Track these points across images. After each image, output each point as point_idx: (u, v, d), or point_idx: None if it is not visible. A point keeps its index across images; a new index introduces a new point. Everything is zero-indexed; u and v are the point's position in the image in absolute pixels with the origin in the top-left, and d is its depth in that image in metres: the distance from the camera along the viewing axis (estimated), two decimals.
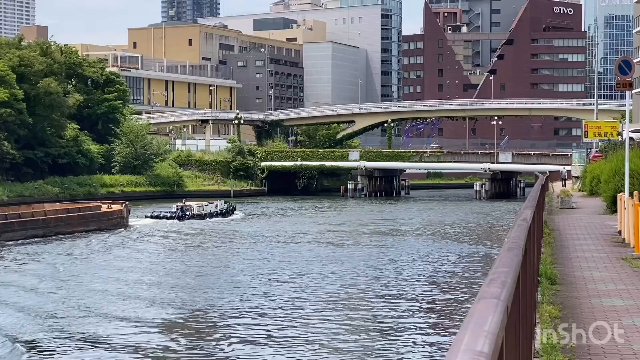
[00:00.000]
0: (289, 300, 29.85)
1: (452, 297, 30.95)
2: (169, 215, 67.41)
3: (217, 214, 71.42)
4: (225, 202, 76.44)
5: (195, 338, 24.39)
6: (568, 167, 75.28)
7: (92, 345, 23.97)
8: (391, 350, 22.06)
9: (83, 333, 25.43)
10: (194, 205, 70.65)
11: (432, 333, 24.39)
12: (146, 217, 67.42)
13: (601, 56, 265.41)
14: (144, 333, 24.98)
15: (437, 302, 30.01)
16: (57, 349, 23.74)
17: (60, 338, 24.89)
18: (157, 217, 67.29)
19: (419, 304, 29.50)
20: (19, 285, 34.60)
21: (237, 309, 28.59)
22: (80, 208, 62.05)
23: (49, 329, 26.17)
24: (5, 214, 54.74)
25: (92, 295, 31.97)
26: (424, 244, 50.64)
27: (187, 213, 68.46)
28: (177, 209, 68.54)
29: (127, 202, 66.57)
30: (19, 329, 26.14)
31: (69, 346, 24.01)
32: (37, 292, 33.02)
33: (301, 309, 28.10)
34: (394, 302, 29.48)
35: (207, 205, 71.99)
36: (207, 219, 68.99)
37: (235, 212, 75.38)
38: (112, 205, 64.29)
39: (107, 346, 23.81)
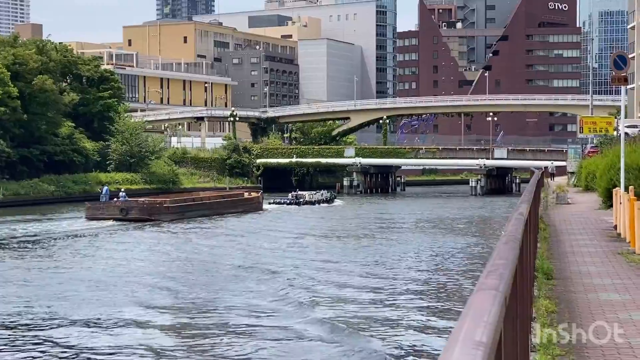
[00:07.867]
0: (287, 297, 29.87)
1: (450, 289, 30.93)
2: (288, 202, 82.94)
3: (323, 201, 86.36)
4: (328, 192, 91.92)
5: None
6: (557, 163, 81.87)
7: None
8: (389, 341, 22.04)
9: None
10: (306, 194, 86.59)
11: (430, 323, 24.36)
12: (269, 203, 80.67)
13: (596, 52, 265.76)
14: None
15: (435, 294, 30.00)
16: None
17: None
18: (279, 203, 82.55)
19: (417, 296, 29.46)
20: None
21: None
22: (230, 195, 77.72)
23: None
24: (184, 197, 69.83)
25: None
26: (422, 238, 50.62)
27: (301, 200, 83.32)
28: (293, 197, 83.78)
29: (261, 190, 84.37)
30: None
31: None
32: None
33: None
34: (393, 294, 29.46)
35: (316, 194, 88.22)
36: (317, 204, 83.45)
37: (336, 199, 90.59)
38: (252, 193, 79.21)
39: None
